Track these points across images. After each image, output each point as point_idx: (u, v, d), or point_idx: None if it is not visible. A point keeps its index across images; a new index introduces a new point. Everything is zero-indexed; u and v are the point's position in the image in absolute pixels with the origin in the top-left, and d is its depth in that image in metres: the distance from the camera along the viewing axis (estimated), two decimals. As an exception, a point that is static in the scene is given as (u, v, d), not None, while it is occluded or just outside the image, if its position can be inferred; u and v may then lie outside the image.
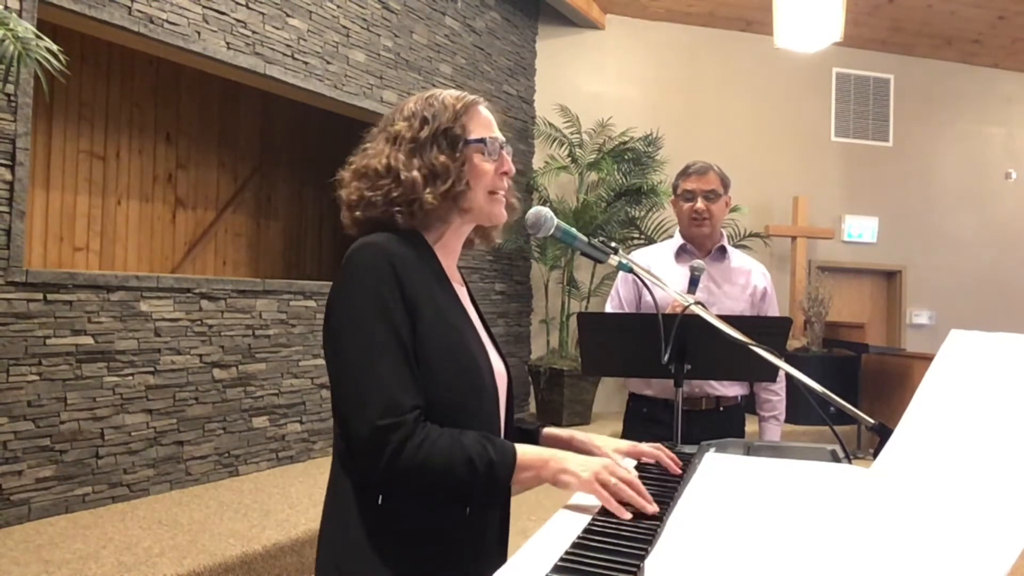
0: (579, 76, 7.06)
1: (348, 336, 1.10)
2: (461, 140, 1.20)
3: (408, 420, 1.04)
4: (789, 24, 4.72)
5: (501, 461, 1.06)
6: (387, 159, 1.18)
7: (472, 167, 1.20)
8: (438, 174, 1.17)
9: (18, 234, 3.14)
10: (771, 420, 2.45)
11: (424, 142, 1.18)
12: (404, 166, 1.17)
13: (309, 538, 3.24)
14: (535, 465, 1.09)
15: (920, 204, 7.81)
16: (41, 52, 2.52)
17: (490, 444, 1.07)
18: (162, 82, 5.41)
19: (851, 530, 0.76)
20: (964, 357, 0.87)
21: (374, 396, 1.05)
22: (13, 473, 3.12)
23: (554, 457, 1.10)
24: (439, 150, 1.18)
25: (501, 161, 1.24)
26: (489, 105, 1.28)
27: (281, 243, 6.44)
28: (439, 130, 1.19)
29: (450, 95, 1.23)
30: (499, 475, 1.06)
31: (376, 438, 1.03)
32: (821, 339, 6.79)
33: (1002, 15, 6.91)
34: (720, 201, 2.39)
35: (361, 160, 1.23)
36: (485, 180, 1.22)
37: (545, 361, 6.19)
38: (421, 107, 1.22)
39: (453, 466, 1.04)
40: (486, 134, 1.23)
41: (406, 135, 1.19)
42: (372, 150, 1.22)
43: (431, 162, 1.17)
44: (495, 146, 1.23)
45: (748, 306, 2.41)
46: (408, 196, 1.16)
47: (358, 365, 1.07)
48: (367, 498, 1.11)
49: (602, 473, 1.07)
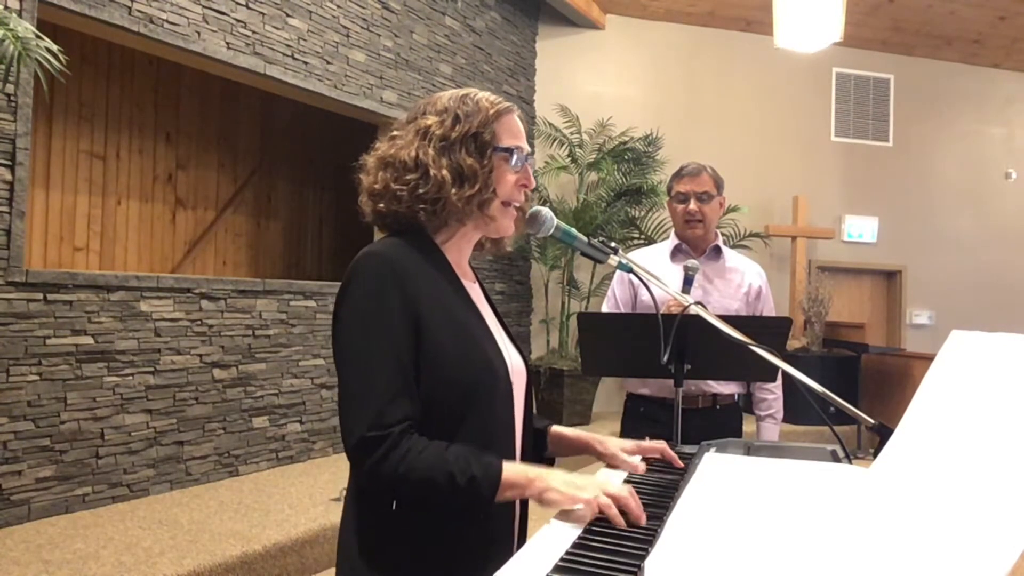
0: (579, 76, 7.06)
1: (347, 346, 1.11)
2: (490, 146, 1.19)
3: (393, 432, 1.04)
4: (789, 24, 4.72)
5: (483, 477, 1.05)
6: (416, 152, 1.17)
7: (496, 175, 1.20)
8: (465, 176, 1.16)
9: (18, 234, 3.14)
10: (768, 420, 2.45)
11: (454, 141, 1.17)
12: (434, 163, 1.16)
13: (309, 538, 3.24)
14: (520, 483, 1.07)
15: (920, 204, 7.81)
16: (41, 52, 2.52)
17: (475, 460, 1.06)
18: (162, 82, 5.41)
19: (851, 530, 0.76)
20: (964, 357, 0.87)
21: (364, 407, 1.06)
22: (13, 473, 3.12)
23: (540, 477, 1.08)
24: (467, 152, 1.17)
25: (524, 173, 1.23)
26: (521, 115, 1.27)
27: (281, 243, 6.44)
28: (470, 132, 1.18)
29: (486, 98, 1.22)
30: (481, 492, 1.05)
31: (361, 448, 1.04)
32: (821, 339, 6.79)
33: (1002, 15, 6.91)
34: (713, 202, 2.39)
35: (389, 148, 1.21)
36: (505, 190, 1.21)
37: (545, 361, 6.19)
38: (455, 104, 1.20)
39: (433, 480, 1.04)
40: (514, 144, 1.22)
41: (436, 131, 1.18)
42: (401, 140, 1.20)
43: (459, 163, 1.16)
44: (521, 157, 1.22)
45: (743, 305, 2.41)
46: (435, 194, 1.15)
47: (353, 376, 1.08)
48: (381, 504, 1.12)
49: (586, 490, 1.05)
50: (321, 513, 3.47)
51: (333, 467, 4.35)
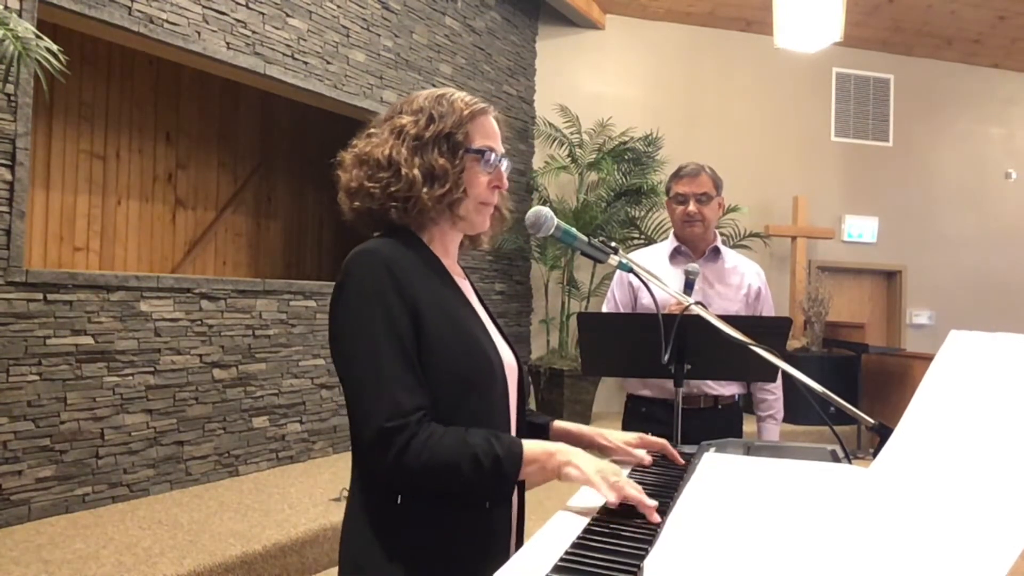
0: (579, 76, 7.06)
1: (352, 343, 1.11)
2: (462, 147, 1.20)
3: (412, 421, 1.05)
4: (789, 24, 4.72)
5: (507, 456, 1.07)
6: (390, 151, 1.18)
7: (468, 176, 1.21)
8: (436, 176, 1.17)
9: (18, 234, 3.14)
10: (768, 420, 2.45)
11: (427, 141, 1.18)
12: (405, 162, 1.17)
13: (309, 538, 3.24)
14: (540, 458, 1.09)
15: (920, 204, 7.81)
16: (41, 52, 2.52)
17: (496, 440, 1.08)
18: (162, 82, 5.41)
19: (851, 530, 0.76)
20: (964, 357, 0.87)
21: (378, 400, 1.06)
22: (13, 473, 3.12)
23: (560, 450, 1.10)
24: (439, 152, 1.18)
25: (497, 175, 1.24)
26: (498, 116, 1.27)
27: (281, 243, 6.44)
28: (442, 133, 1.19)
29: (461, 98, 1.23)
30: (506, 470, 1.07)
31: (382, 440, 1.05)
32: (821, 339, 6.79)
33: (1002, 15, 6.91)
34: (712, 203, 2.39)
35: (364, 146, 1.22)
36: (477, 191, 1.22)
37: (545, 361, 6.19)
38: (430, 105, 1.21)
39: (459, 463, 1.05)
40: (487, 145, 1.23)
41: (411, 131, 1.19)
42: (376, 138, 1.22)
43: (430, 163, 1.17)
44: (493, 159, 1.23)
45: (743, 306, 2.41)
46: (405, 193, 1.17)
47: (363, 370, 1.09)
48: (385, 498, 1.12)
49: (606, 470, 1.07)
50: (321, 513, 3.47)
51: (333, 467, 4.35)
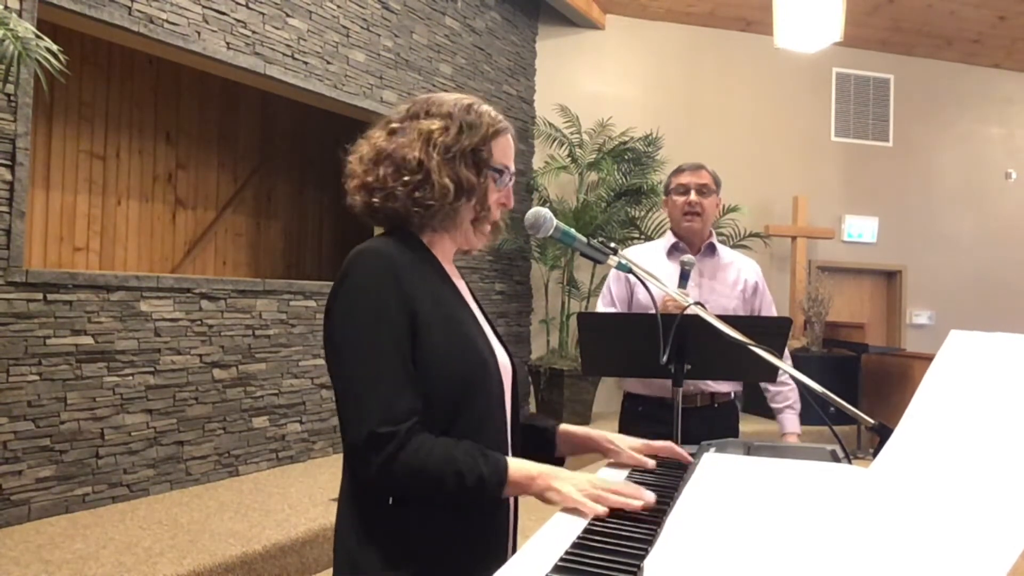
0: (579, 76, 7.06)
1: (347, 343, 1.11)
2: (486, 164, 1.21)
3: (402, 430, 1.05)
4: (789, 24, 4.72)
5: (491, 475, 1.07)
6: (420, 155, 1.17)
7: (486, 192, 1.23)
8: (465, 190, 1.18)
9: (18, 234, 3.14)
10: (787, 411, 2.48)
11: (456, 153, 1.18)
12: (437, 170, 1.16)
13: (309, 538, 3.24)
14: (522, 482, 1.09)
15: (920, 204, 7.81)
16: (41, 52, 2.52)
17: (482, 458, 1.07)
18: (162, 82, 5.41)
19: (851, 530, 0.76)
20: (964, 357, 0.87)
21: (371, 403, 1.06)
22: (13, 473, 3.12)
23: (542, 474, 1.09)
24: (466, 166, 1.19)
25: (506, 193, 1.26)
26: (515, 135, 1.29)
27: (281, 243, 6.44)
28: (471, 147, 1.19)
29: (488, 112, 1.24)
30: (488, 490, 1.07)
31: (371, 444, 1.04)
32: (821, 339, 6.79)
33: (1002, 15, 6.91)
34: (712, 197, 2.44)
35: (388, 143, 1.20)
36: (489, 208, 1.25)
37: (545, 361, 6.19)
38: (460, 114, 1.21)
39: (443, 478, 1.05)
40: (504, 164, 1.24)
41: (439, 138, 1.18)
42: (403, 137, 1.19)
43: (459, 175, 1.18)
44: (507, 178, 1.25)
45: (740, 303, 2.42)
46: (433, 200, 1.16)
47: (357, 372, 1.08)
48: (378, 499, 1.12)
49: (587, 487, 1.06)
50: (321, 513, 3.47)
51: (333, 467, 4.35)
